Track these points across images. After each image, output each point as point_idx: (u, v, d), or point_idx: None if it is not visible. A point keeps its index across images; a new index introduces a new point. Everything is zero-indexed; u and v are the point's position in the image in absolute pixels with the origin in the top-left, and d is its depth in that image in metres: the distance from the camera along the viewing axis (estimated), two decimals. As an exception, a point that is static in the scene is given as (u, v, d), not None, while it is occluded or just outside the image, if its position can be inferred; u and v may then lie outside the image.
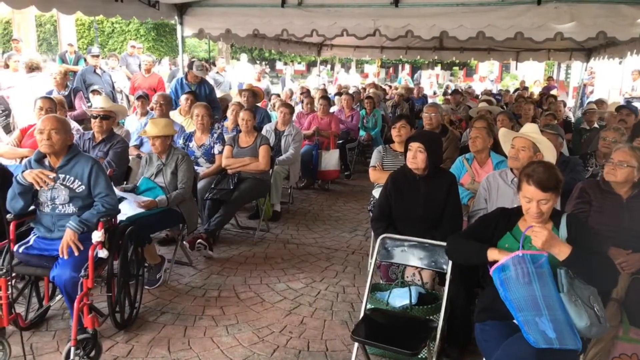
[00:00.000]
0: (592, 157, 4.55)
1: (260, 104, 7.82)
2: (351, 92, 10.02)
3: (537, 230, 2.21)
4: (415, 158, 3.19)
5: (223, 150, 5.12)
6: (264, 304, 3.72)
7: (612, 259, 2.41)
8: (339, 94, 9.89)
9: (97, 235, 2.91)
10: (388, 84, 18.86)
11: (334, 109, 8.50)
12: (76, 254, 2.89)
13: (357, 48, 12.04)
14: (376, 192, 4.15)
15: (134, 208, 3.72)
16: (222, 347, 3.13)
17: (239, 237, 5.11)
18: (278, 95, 10.69)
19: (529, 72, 20.91)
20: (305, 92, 9.84)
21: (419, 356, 2.62)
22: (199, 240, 4.37)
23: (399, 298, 2.90)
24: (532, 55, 11.31)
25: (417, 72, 23.77)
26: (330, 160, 6.95)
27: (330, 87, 13.99)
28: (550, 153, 3.26)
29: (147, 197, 3.89)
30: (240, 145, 5.18)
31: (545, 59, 11.64)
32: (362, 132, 8.42)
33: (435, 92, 17.83)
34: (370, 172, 4.37)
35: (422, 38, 5.93)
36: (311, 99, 7.97)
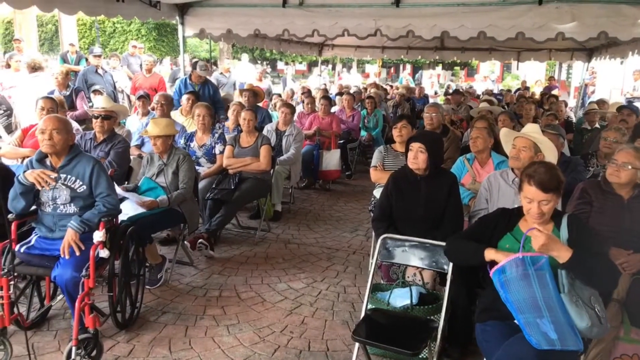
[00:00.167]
0: (594, 157, 4.55)
1: (261, 104, 7.83)
2: (352, 92, 10.02)
3: (536, 234, 2.20)
4: (416, 158, 3.19)
5: (224, 150, 5.13)
6: (265, 303, 3.72)
7: (612, 261, 2.41)
8: (340, 94, 9.88)
9: (98, 235, 2.92)
10: (389, 84, 18.85)
11: (335, 109, 8.50)
12: (77, 253, 2.90)
13: (358, 48, 12.03)
14: (377, 192, 4.15)
15: (136, 208, 3.73)
16: (223, 346, 3.14)
17: (240, 237, 5.11)
18: (279, 95, 10.68)
19: (530, 72, 20.86)
20: (306, 92, 9.82)
21: (419, 356, 2.62)
22: (200, 240, 4.37)
23: (399, 298, 2.90)
24: (533, 55, 11.28)
25: (419, 72, 23.75)
26: (331, 160, 6.95)
27: (332, 87, 13.97)
28: (551, 153, 3.26)
29: (149, 197, 3.90)
30: (242, 145, 5.18)
31: (546, 59, 11.62)
32: (363, 132, 8.43)
33: (436, 92, 17.81)
34: (371, 172, 4.38)
35: (423, 38, 5.92)
36: (312, 99, 7.96)
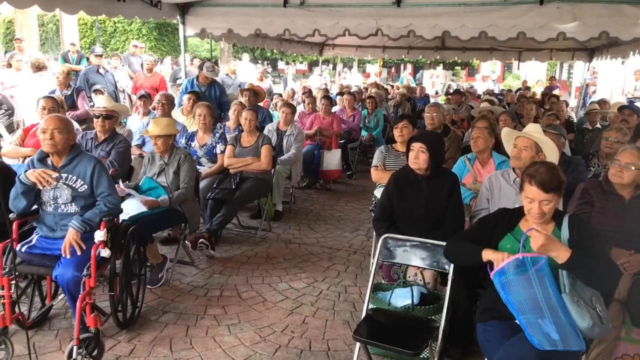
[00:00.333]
0: (595, 157, 4.54)
1: (262, 103, 7.83)
2: (353, 91, 10.02)
3: (535, 234, 2.20)
4: (417, 158, 3.19)
5: (225, 149, 5.13)
6: (266, 303, 3.72)
7: (613, 262, 2.41)
8: (341, 94, 9.88)
9: (99, 235, 2.92)
10: (390, 84, 18.86)
11: (335, 108, 8.50)
12: (78, 253, 2.90)
13: (359, 48, 12.02)
14: (378, 192, 4.15)
15: (139, 206, 3.73)
16: (224, 346, 3.14)
17: (241, 237, 5.11)
18: (280, 95, 10.69)
19: (531, 72, 20.82)
20: (307, 92, 9.83)
21: (420, 356, 2.62)
22: (201, 240, 4.37)
23: (400, 298, 2.90)
24: (534, 55, 11.26)
25: (420, 72, 23.73)
26: (332, 160, 6.95)
27: (333, 86, 13.96)
28: (552, 153, 3.26)
29: (150, 197, 3.90)
30: (243, 145, 5.18)
31: (547, 58, 11.60)
32: (363, 132, 8.42)
33: (437, 92, 17.80)
34: (372, 172, 4.37)
35: (424, 38, 5.92)
36: (313, 99, 7.96)
